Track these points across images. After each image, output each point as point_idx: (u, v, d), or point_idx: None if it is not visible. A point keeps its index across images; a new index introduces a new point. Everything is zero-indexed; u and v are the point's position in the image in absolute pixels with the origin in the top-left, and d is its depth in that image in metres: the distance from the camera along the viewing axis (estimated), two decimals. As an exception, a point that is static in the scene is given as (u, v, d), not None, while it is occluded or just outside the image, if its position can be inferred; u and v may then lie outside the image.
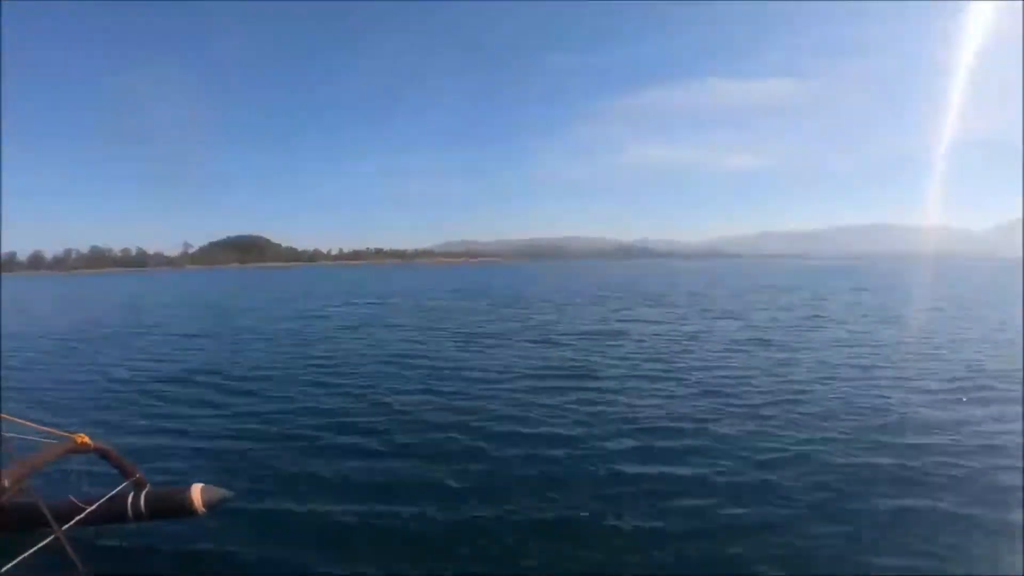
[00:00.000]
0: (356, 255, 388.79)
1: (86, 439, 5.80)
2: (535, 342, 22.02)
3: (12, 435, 6.00)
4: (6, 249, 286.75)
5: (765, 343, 20.63)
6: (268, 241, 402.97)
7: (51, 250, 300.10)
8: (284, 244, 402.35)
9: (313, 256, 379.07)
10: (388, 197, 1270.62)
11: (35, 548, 5.10)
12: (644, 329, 24.99)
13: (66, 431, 5.95)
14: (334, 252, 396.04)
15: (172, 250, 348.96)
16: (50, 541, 5.17)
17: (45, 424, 6.09)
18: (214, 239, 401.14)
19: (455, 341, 22.62)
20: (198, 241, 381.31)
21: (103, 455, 6.14)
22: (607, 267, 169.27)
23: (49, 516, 5.28)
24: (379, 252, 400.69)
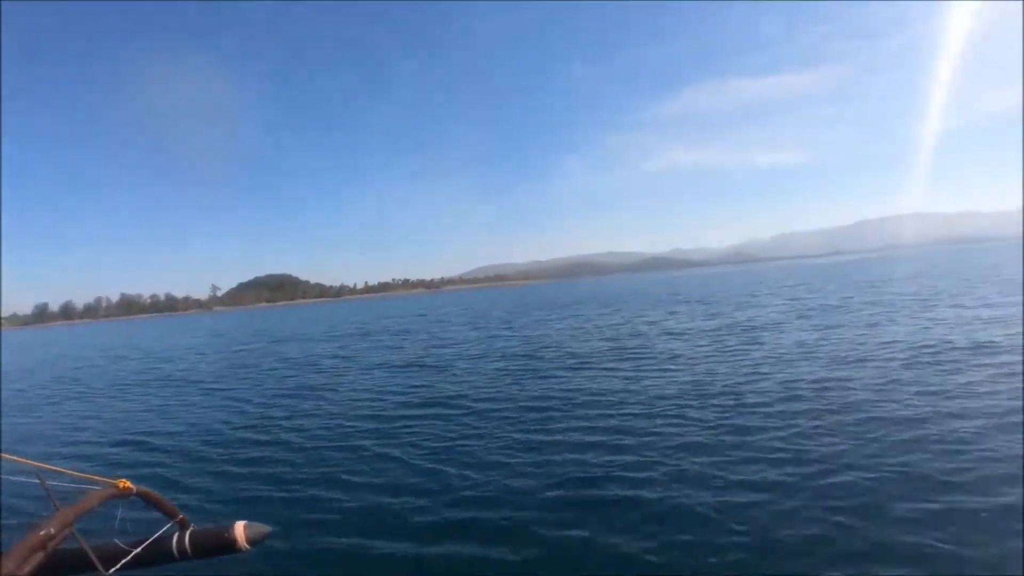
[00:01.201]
0: (383, 287, 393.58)
1: (128, 483, 5.18)
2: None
3: (54, 483, 5.26)
4: (38, 300, 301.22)
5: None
6: (296, 279, 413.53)
7: (81, 299, 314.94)
8: (312, 281, 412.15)
9: (339, 291, 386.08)
10: (413, 228, 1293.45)
11: None
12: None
13: (108, 477, 5.31)
14: (360, 286, 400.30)
15: (200, 293, 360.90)
16: None
17: (86, 471, 5.41)
18: (242, 280, 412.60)
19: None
20: (225, 283, 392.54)
21: (145, 498, 5.44)
22: (631, 279, 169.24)
23: (96, 561, 4.64)
24: (406, 283, 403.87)
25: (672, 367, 17.47)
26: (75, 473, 5.87)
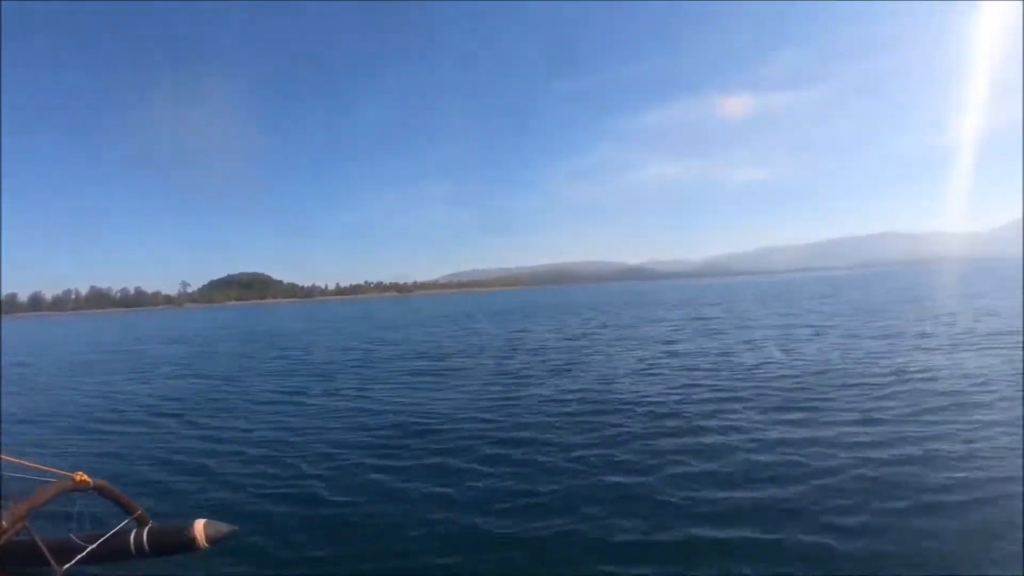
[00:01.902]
0: (355, 289, 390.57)
1: (85, 477, 5.74)
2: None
3: (10, 475, 5.97)
4: (7, 290, 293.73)
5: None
6: (269, 278, 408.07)
7: (50, 291, 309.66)
8: (286, 281, 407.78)
9: (311, 292, 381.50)
10: (395, 230, 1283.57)
11: None
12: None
13: (65, 470, 5.87)
14: (331, 287, 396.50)
15: (170, 289, 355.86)
16: None
17: (45, 463, 5.97)
18: (213, 278, 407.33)
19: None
20: (195, 280, 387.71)
21: (103, 492, 6.04)
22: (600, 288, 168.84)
23: (48, 556, 5.29)
24: (379, 285, 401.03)
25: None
26: (31, 464, 5.74)
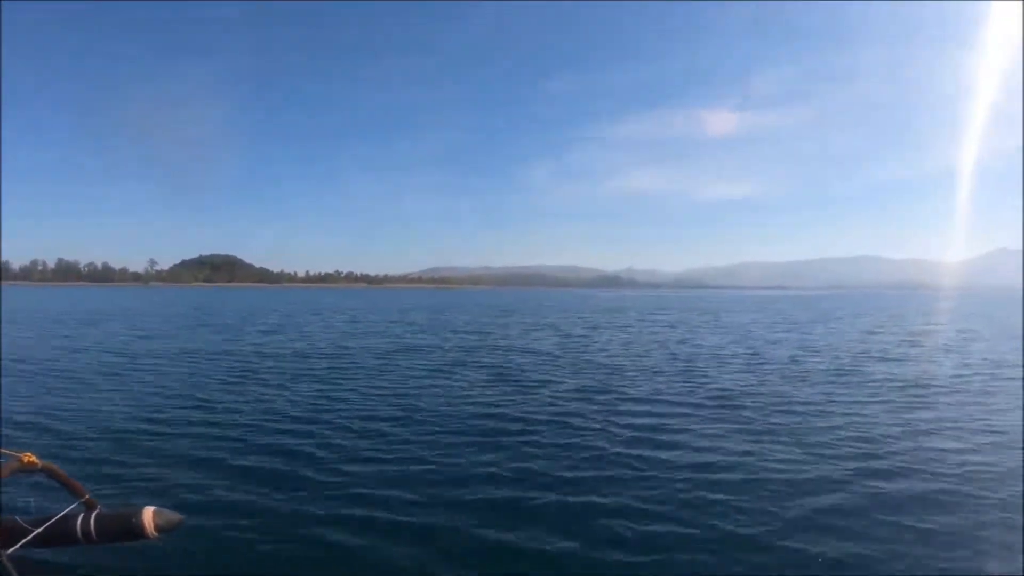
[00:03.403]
0: (325, 278, 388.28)
1: (33, 458, 5.71)
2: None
3: None
4: None
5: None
6: (240, 261, 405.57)
7: (16, 261, 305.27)
8: (258, 264, 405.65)
9: (279, 278, 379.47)
10: (374, 222, 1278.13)
11: None
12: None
13: (13, 450, 5.84)
14: (301, 274, 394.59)
15: (138, 266, 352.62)
16: None
17: None
18: (186, 257, 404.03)
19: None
20: (166, 258, 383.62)
21: (51, 475, 6.05)
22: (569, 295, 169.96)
23: None
24: (349, 275, 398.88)
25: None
26: None
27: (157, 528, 5.70)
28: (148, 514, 5.68)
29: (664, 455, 10.12)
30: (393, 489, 8.56)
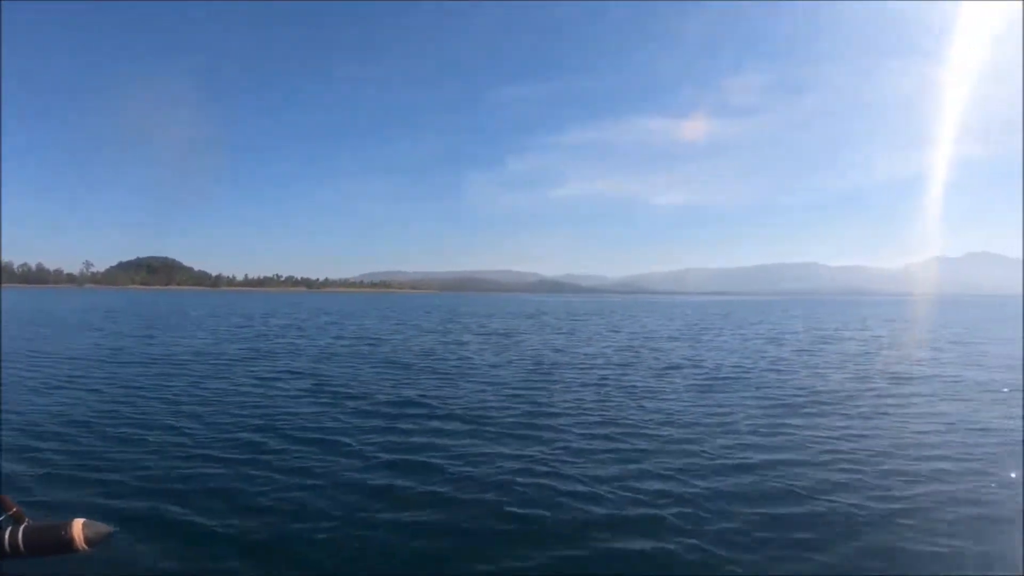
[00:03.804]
0: (263, 282, 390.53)
1: None
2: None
3: None
4: None
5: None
6: (179, 264, 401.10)
7: None
8: (196, 268, 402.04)
9: (217, 281, 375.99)
10: (316, 226, 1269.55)
11: None
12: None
13: None
14: (239, 278, 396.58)
15: (73, 267, 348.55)
16: None
17: None
18: (124, 259, 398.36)
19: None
20: (101, 260, 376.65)
21: None
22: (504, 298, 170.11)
23: None
24: (289, 279, 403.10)
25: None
26: None
27: (87, 541, 3.99)
28: (78, 527, 3.93)
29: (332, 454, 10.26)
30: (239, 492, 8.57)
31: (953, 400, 15.46)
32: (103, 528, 3.26)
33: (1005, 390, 16.95)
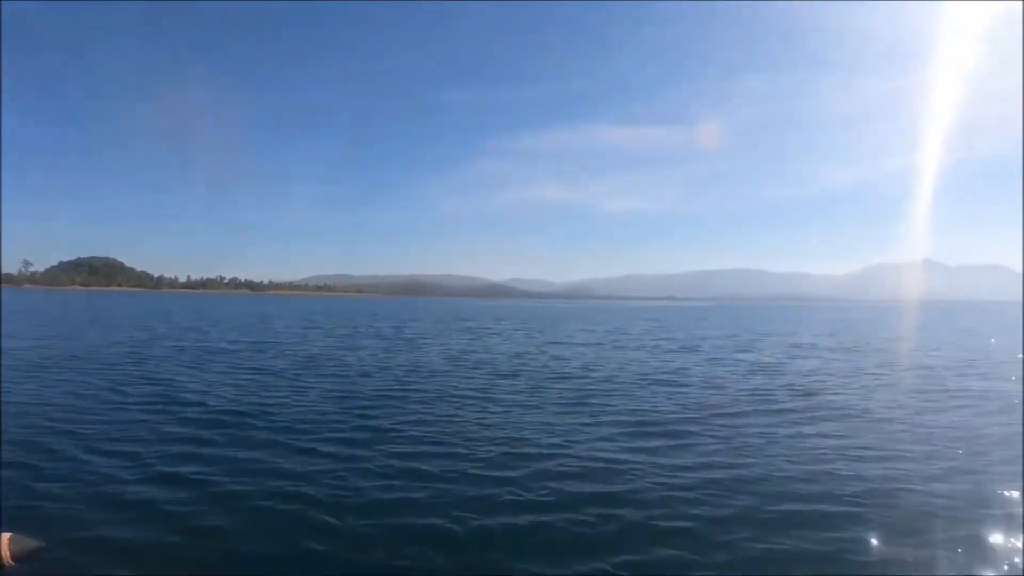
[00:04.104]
0: (205, 284, 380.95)
1: None
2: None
3: None
4: None
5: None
6: (120, 264, 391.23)
7: None
8: (138, 269, 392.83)
9: (159, 283, 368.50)
10: (261, 227, 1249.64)
11: None
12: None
13: None
14: (182, 279, 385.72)
15: (10, 267, 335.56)
16: None
17: None
18: (64, 258, 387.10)
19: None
20: (41, 259, 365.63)
21: None
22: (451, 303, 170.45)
23: None
24: (232, 281, 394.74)
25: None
26: None
27: (13, 556, 4.32)
28: (4, 541, 4.23)
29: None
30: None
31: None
32: (31, 543, 3.37)
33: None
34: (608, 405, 15.53)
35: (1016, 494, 8.77)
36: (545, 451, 10.96)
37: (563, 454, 10.74)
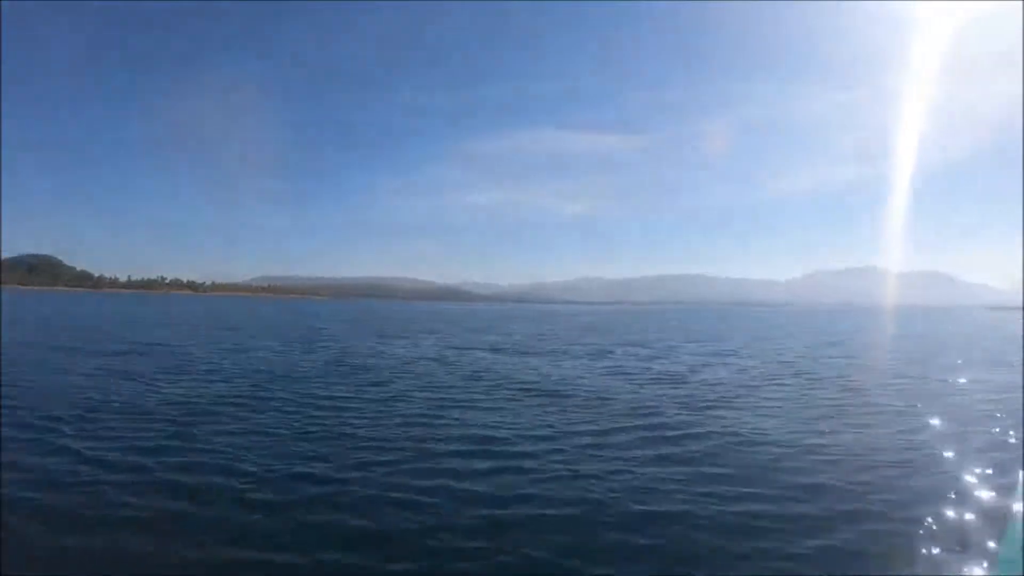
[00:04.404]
0: (147, 284, 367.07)
1: None
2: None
3: None
4: None
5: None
6: (60, 263, 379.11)
7: None
8: (79, 267, 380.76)
9: (99, 283, 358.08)
10: (206, 226, 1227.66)
11: None
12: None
13: None
14: (123, 279, 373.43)
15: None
16: None
17: None
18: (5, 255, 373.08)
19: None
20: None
21: None
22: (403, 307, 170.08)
23: None
24: (175, 282, 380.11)
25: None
26: None
27: None
28: None
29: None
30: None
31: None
32: None
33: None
34: (449, 421, 13.72)
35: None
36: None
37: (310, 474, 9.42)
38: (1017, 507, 8.15)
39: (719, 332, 58.05)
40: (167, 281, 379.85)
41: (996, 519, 7.80)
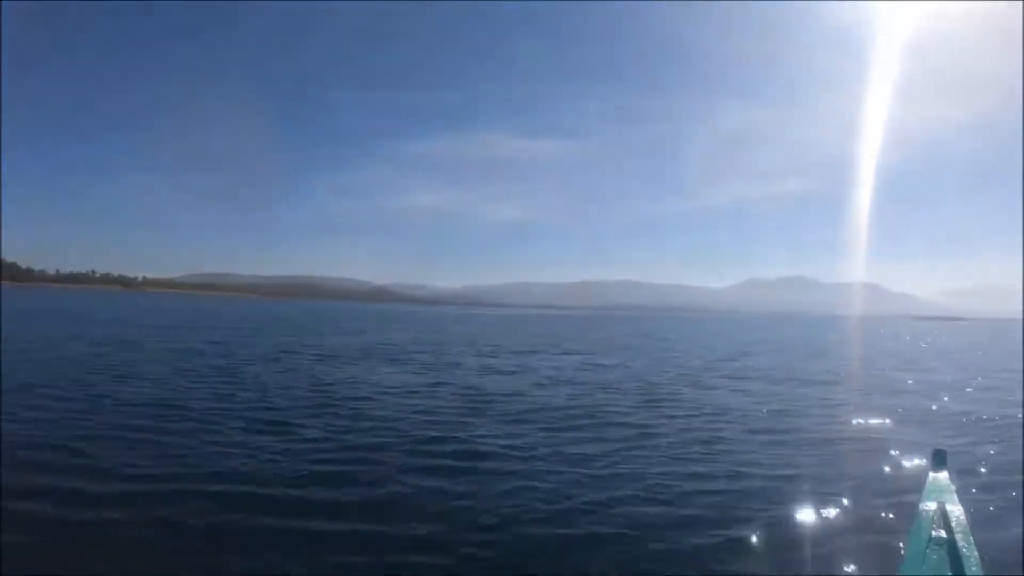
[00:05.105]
0: (76, 278, 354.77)
1: None
2: None
3: None
4: None
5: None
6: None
7: None
8: (8, 260, 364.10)
9: (28, 276, 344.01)
10: (134, 220, 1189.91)
11: None
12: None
13: None
14: (51, 272, 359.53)
15: None
16: None
17: None
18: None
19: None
20: None
21: None
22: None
23: None
24: (105, 276, 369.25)
25: None
26: None
27: None
28: None
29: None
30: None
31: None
32: None
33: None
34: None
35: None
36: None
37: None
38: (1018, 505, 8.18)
39: (609, 341, 53.36)
40: (98, 276, 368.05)
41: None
